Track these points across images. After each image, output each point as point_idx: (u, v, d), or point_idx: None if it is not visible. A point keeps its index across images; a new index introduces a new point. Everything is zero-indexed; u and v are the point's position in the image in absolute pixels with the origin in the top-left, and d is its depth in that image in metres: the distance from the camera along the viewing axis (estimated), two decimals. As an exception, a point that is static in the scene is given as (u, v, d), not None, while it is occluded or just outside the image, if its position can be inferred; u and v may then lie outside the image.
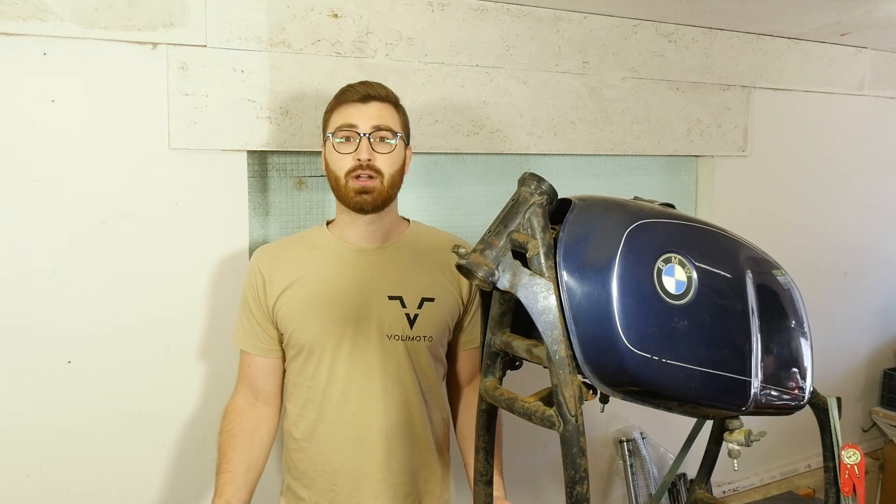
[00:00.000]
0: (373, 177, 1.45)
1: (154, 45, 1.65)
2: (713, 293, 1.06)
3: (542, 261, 0.98)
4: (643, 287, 1.00)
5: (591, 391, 1.02)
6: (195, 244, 1.74)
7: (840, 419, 1.26)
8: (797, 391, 1.14)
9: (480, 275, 0.95)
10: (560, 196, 1.06)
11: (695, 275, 1.04)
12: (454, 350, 1.63)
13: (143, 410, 1.73)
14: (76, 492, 1.68)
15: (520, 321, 1.08)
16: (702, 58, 2.48)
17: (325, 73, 1.83)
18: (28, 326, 1.60)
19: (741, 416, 1.15)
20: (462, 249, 0.98)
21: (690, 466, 2.42)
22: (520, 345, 1.06)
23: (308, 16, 1.80)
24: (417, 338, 1.51)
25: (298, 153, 1.92)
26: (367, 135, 1.45)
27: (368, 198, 1.45)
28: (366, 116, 1.46)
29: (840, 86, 2.88)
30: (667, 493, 2.58)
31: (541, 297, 0.97)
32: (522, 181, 1.03)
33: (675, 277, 1.03)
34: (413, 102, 1.94)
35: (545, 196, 1.02)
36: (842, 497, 1.26)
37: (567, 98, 2.23)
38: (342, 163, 1.46)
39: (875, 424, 3.29)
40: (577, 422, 0.96)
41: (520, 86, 2.14)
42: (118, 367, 1.69)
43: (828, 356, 3.00)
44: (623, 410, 2.50)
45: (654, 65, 2.38)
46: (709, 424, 1.36)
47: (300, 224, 1.94)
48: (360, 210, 1.47)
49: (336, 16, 1.84)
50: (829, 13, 2.36)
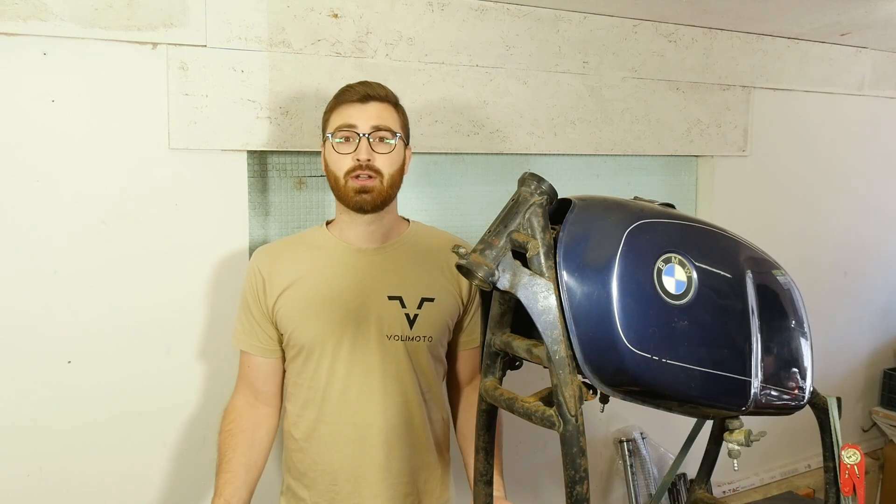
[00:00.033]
0: (372, 177, 1.45)
1: (154, 45, 1.65)
2: (713, 293, 1.06)
3: (542, 261, 0.98)
4: (643, 287, 1.00)
5: (591, 391, 1.02)
6: (195, 244, 1.74)
7: (840, 419, 1.26)
8: (797, 391, 1.14)
9: (480, 275, 0.95)
10: (560, 196, 1.06)
11: (695, 275, 1.04)
12: (454, 350, 1.63)
13: (143, 410, 1.73)
14: (76, 492, 1.68)
15: (520, 321, 1.08)
16: (702, 58, 2.48)
17: (325, 73, 1.83)
18: (28, 326, 1.60)
19: (741, 416, 1.15)
20: (462, 249, 0.98)
21: (690, 466, 2.42)
22: (520, 345, 1.06)
23: (308, 16, 1.80)
24: (417, 338, 1.51)
25: (298, 153, 1.92)
26: (367, 135, 1.45)
27: (368, 197, 1.45)
28: (365, 116, 1.46)
29: (840, 86, 2.88)
30: (667, 493, 2.58)
31: (541, 297, 0.97)
32: (522, 181, 1.03)
33: (675, 277, 1.03)
34: (413, 102, 1.94)
35: (545, 196, 1.02)
36: (842, 497, 1.26)
37: (567, 98, 2.23)
38: (342, 163, 1.46)
39: (875, 424, 3.29)
40: (577, 422, 0.96)
41: (520, 86, 2.14)
42: (118, 367, 1.69)
43: (828, 356, 3.00)
44: (623, 410, 2.50)
45: (654, 65, 2.38)
46: (709, 424, 1.36)
47: (300, 224, 1.94)
48: (360, 210, 1.47)
49: (336, 16, 1.84)
50: (829, 13, 2.36)
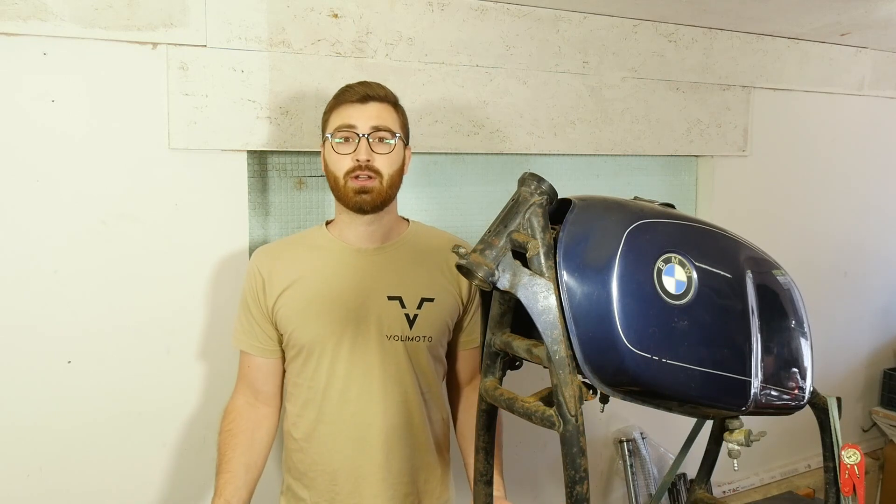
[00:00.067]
0: (372, 177, 1.45)
1: (154, 45, 1.65)
2: (713, 293, 1.06)
3: (542, 261, 0.98)
4: (643, 287, 1.00)
5: (591, 391, 1.02)
6: (195, 244, 1.74)
7: (840, 419, 1.26)
8: (797, 391, 1.14)
9: (480, 275, 0.95)
10: (560, 196, 1.06)
11: (695, 275, 1.04)
12: (454, 350, 1.63)
13: (143, 410, 1.73)
14: (76, 492, 1.68)
15: (520, 321, 1.08)
16: (702, 58, 2.48)
17: (325, 73, 1.83)
18: (28, 326, 1.60)
19: (741, 416, 1.15)
20: (462, 249, 0.98)
21: (690, 466, 2.42)
22: (520, 345, 1.06)
23: (308, 16, 1.80)
24: (417, 338, 1.51)
25: (298, 153, 1.92)
26: (366, 135, 1.45)
27: (367, 198, 1.45)
28: (364, 117, 1.46)
29: (840, 86, 2.88)
30: (667, 493, 2.58)
31: (541, 297, 0.97)
32: (522, 181, 1.03)
33: (675, 277, 1.03)
34: (413, 102, 1.94)
35: (545, 196, 1.02)
36: (842, 497, 1.26)
37: (567, 98, 2.23)
38: (341, 163, 1.46)
39: (875, 424, 3.29)
40: (577, 422, 0.96)
41: (520, 86, 2.14)
42: (118, 367, 1.69)
43: (828, 356, 3.00)
44: (623, 410, 2.50)
45: (654, 65, 2.38)
46: (709, 424, 1.36)
47: (300, 224, 1.94)
48: (360, 210, 1.47)
49: (336, 16, 1.84)
50: (829, 13, 2.36)
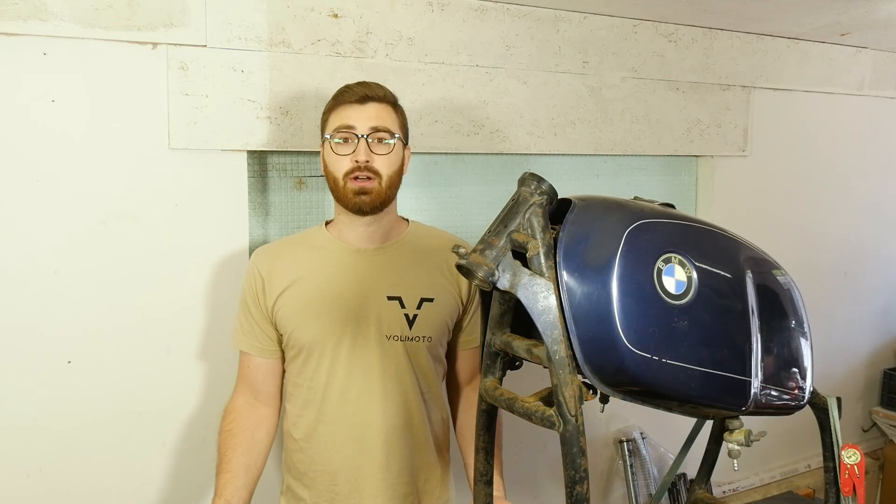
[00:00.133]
0: (371, 178, 1.45)
1: (154, 45, 1.65)
2: (713, 293, 1.06)
3: (542, 261, 0.98)
4: (643, 287, 1.00)
5: (591, 391, 1.02)
6: (195, 244, 1.74)
7: (840, 419, 1.26)
8: (797, 391, 1.14)
9: (480, 275, 0.95)
10: (560, 196, 1.06)
11: (695, 275, 1.04)
12: (454, 350, 1.63)
13: (143, 410, 1.73)
14: (76, 492, 1.68)
15: (520, 321, 1.08)
16: (702, 58, 2.48)
17: (325, 73, 1.83)
18: (28, 326, 1.60)
19: (741, 416, 1.15)
20: (462, 249, 0.98)
21: (690, 466, 2.42)
22: (520, 345, 1.06)
23: (308, 16, 1.80)
24: (416, 338, 1.51)
25: (298, 153, 1.92)
26: (365, 136, 1.45)
27: (367, 199, 1.45)
28: (363, 117, 1.46)
29: (840, 86, 2.88)
30: (667, 493, 2.58)
31: (541, 297, 0.97)
32: (522, 181, 1.03)
33: (675, 277, 1.03)
34: (413, 102, 1.94)
35: (545, 196, 1.02)
36: (842, 497, 1.26)
37: (567, 98, 2.23)
38: (340, 164, 1.46)
39: (875, 424, 3.29)
40: (577, 422, 0.96)
41: (520, 86, 2.14)
42: (118, 367, 1.69)
43: (828, 356, 3.00)
44: (623, 410, 2.50)
45: (654, 65, 2.38)
46: (709, 424, 1.36)
47: (300, 224, 1.94)
48: (359, 211, 1.47)
49: (336, 16, 1.84)
50: (829, 13, 2.36)
